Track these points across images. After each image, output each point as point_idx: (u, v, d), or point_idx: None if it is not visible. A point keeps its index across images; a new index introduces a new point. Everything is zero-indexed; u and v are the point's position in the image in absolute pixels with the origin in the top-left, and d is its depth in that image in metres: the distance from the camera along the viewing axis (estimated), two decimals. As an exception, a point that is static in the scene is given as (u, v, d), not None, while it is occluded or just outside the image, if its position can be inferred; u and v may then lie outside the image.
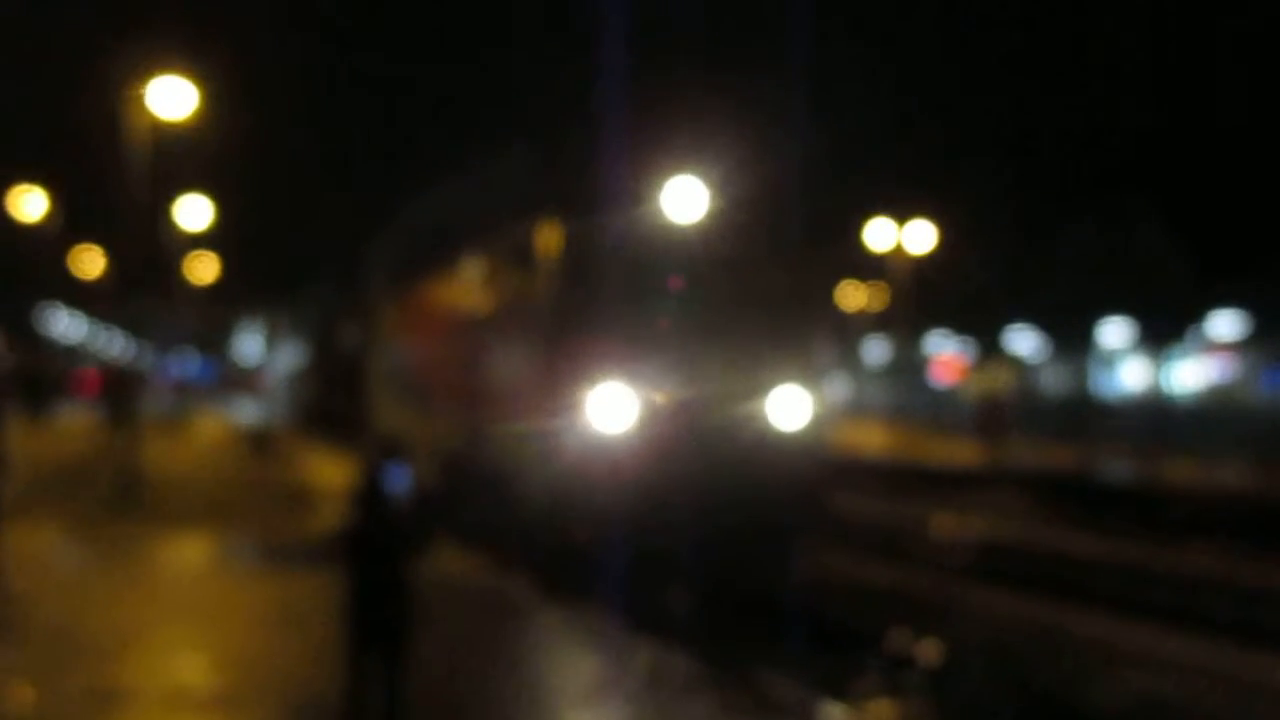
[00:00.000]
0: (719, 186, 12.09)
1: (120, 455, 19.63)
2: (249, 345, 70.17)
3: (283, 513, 17.52)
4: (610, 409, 11.54)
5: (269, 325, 58.95)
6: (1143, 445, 28.80)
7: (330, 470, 22.84)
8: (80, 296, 48.25)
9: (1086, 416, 37.77)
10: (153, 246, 29.63)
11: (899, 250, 31.43)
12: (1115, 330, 46.06)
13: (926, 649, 11.70)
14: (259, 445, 29.07)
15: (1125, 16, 42.68)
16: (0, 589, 11.11)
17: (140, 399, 24.58)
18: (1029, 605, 13.85)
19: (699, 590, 11.70)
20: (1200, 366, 44.13)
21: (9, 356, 36.42)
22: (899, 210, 30.93)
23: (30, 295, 45.76)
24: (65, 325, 56.50)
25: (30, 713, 7.88)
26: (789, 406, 12.05)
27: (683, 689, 8.64)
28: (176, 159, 23.86)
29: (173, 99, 17.79)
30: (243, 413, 44.12)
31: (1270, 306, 39.08)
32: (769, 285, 12.24)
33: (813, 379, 12.28)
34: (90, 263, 42.65)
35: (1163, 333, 43.52)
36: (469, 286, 15.18)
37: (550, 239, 12.24)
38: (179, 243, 34.08)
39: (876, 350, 53.26)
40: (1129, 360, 47.10)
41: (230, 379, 68.79)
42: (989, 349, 49.73)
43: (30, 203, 29.70)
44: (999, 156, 40.30)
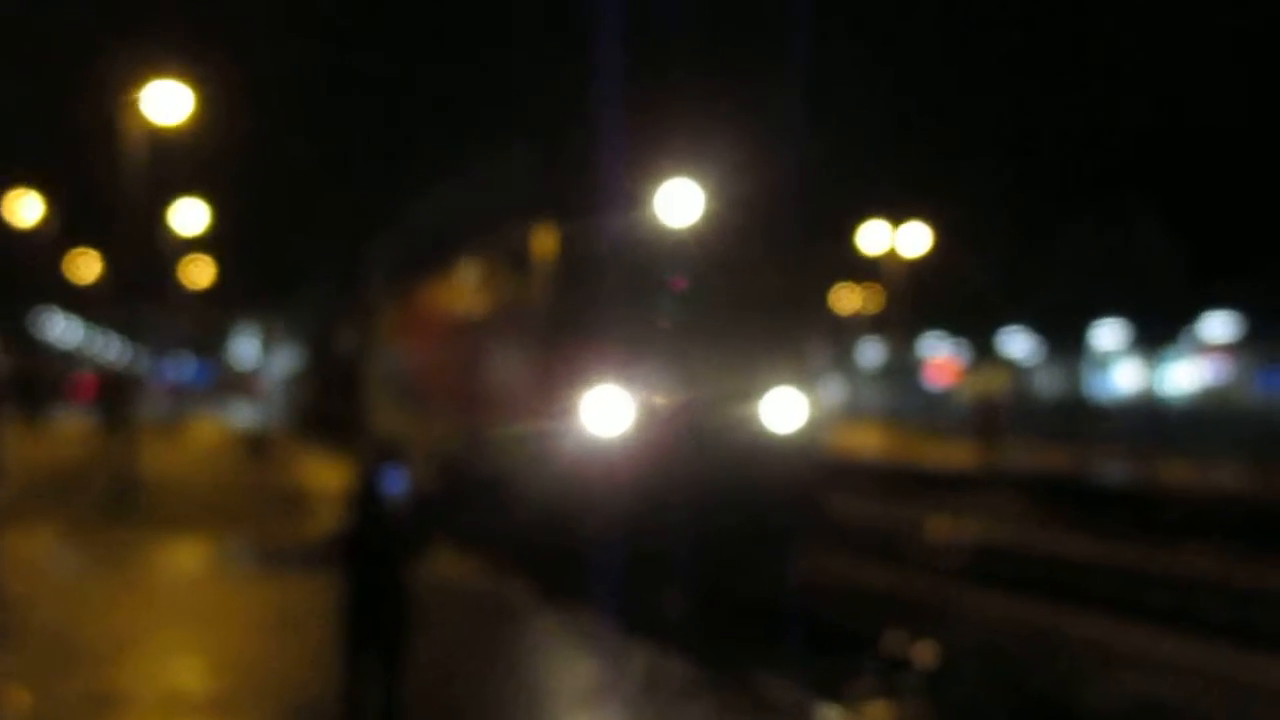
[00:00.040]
0: (715, 189, 12.10)
1: (116, 459, 19.60)
2: (245, 349, 70.16)
3: (279, 516, 17.51)
4: (607, 412, 11.55)
5: (265, 329, 58.97)
6: (1137, 447, 28.81)
7: (327, 473, 22.84)
8: (76, 300, 48.25)
9: (1081, 418, 37.79)
10: (149, 250, 29.58)
11: (894, 252, 31.50)
12: (1109, 332, 46.10)
13: (922, 651, 11.71)
14: (255, 449, 29.05)
15: (1122, 17, 42.82)
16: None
17: (136, 403, 24.55)
18: (1024, 607, 13.87)
19: (695, 593, 11.71)
20: (1194, 368, 44.22)
21: (5, 361, 36.46)
22: (894, 212, 30.98)
23: (26, 299, 45.68)
24: (61, 329, 56.46)
25: (27, 717, 7.87)
26: (785, 409, 12.07)
27: (679, 692, 8.64)
28: (173, 163, 23.85)
29: (169, 103, 17.79)
30: (239, 416, 44.07)
31: (1264, 308, 39.14)
32: (764, 287, 12.26)
33: (808, 381, 12.31)
34: (86, 267, 42.64)
35: (1156, 334, 43.58)
36: (466, 289, 15.19)
37: (547, 241, 12.25)
38: (175, 246, 34.06)
39: (871, 352, 53.27)
40: (1123, 362, 47.19)
41: (226, 382, 68.69)
42: (983, 351, 49.80)
43: (26, 207, 29.64)
44: (994, 158, 40.40)
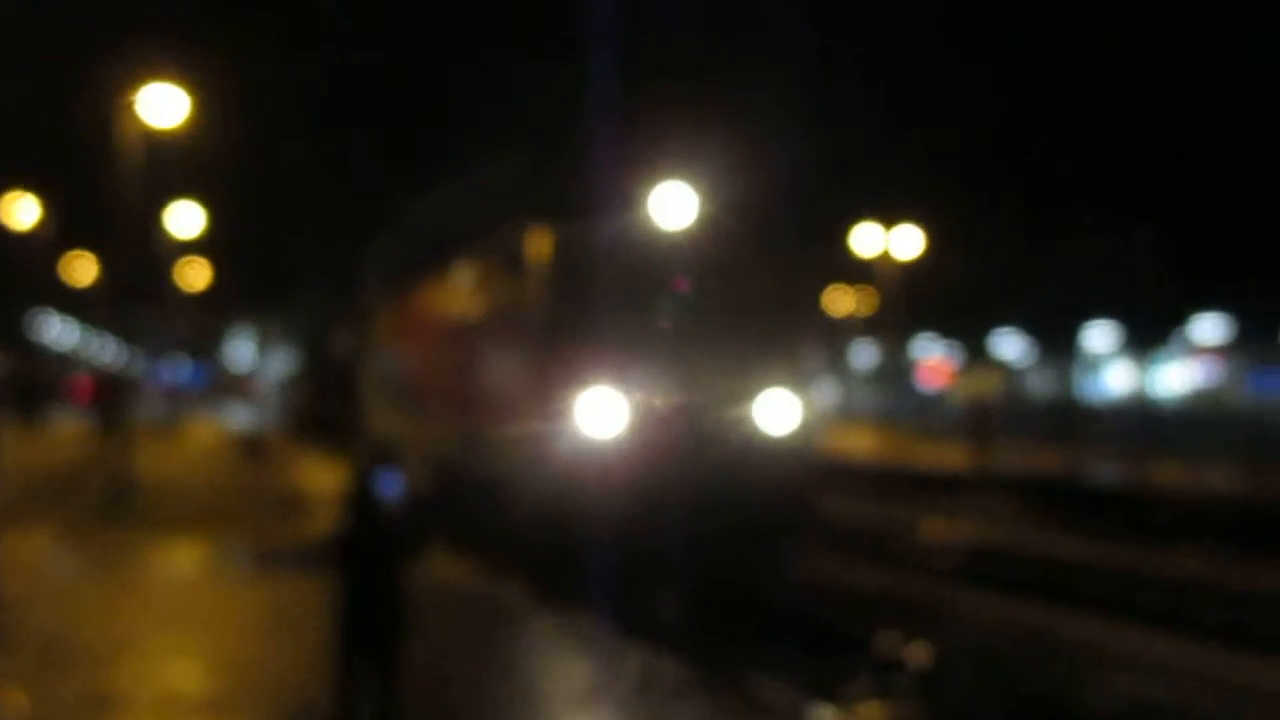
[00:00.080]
0: (709, 192, 12.15)
1: (112, 461, 19.61)
2: (241, 351, 70.14)
3: (275, 518, 17.52)
4: (602, 414, 11.59)
5: (261, 331, 58.95)
6: (1129, 448, 28.86)
7: (323, 475, 22.84)
8: (73, 303, 48.26)
9: (1073, 420, 37.83)
10: (145, 253, 29.60)
11: (887, 255, 31.57)
12: (1100, 334, 46.21)
13: (916, 652, 11.75)
14: (251, 451, 29.05)
15: (1112, 25, 42.95)
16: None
17: (131, 405, 24.56)
18: (1018, 608, 13.92)
19: (690, 594, 11.76)
20: (1185, 370, 44.35)
21: (2, 363, 36.46)
22: (886, 215, 31.05)
23: (23, 302, 45.71)
24: (58, 332, 56.45)
25: (25, 718, 7.88)
26: (778, 411, 12.11)
27: (674, 693, 8.66)
28: (169, 166, 23.87)
29: (165, 106, 17.83)
30: (235, 418, 44.05)
31: (1255, 310, 39.26)
32: (759, 290, 12.30)
33: (802, 383, 12.35)
34: (83, 269, 42.66)
35: (1148, 336, 43.68)
36: (461, 292, 15.23)
37: (542, 244, 12.29)
38: (171, 249, 34.09)
39: (865, 355, 53.33)
40: (1114, 364, 47.30)
41: (223, 385, 68.66)
42: (976, 353, 49.89)
43: (23, 210, 29.68)
44: (986, 162, 40.49)
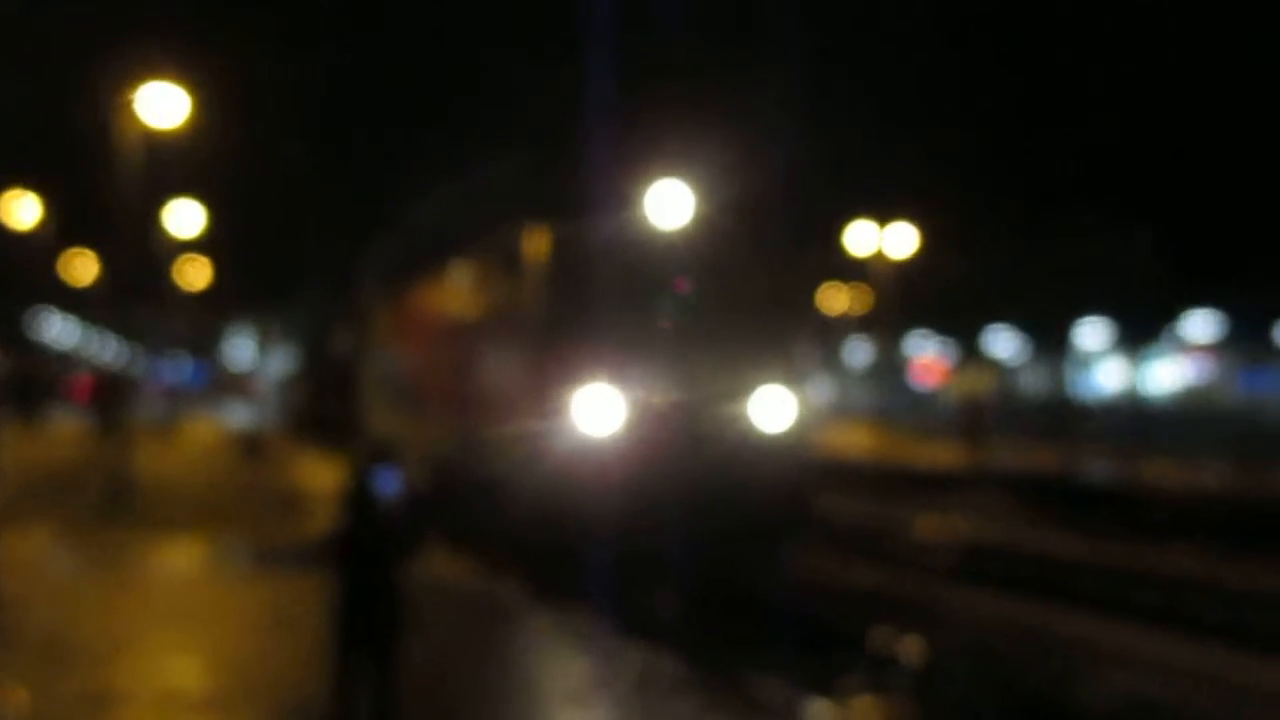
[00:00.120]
0: (705, 191, 12.20)
1: (112, 460, 19.64)
2: (241, 350, 70.18)
3: (274, 517, 17.53)
4: (599, 412, 11.64)
5: (261, 330, 59.01)
6: (1121, 446, 28.91)
7: (322, 474, 22.85)
8: (73, 302, 48.28)
9: (1066, 417, 37.87)
10: (145, 252, 29.67)
11: (881, 253, 31.65)
12: (1093, 332, 46.32)
13: (910, 648, 11.81)
14: (251, 449, 29.08)
15: (1108, 27, 43.09)
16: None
17: (130, 405, 24.60)
18: (1012, 605, 13.96)
19: (687, 592, 11.81)
20: (1177, 367, 44.47)
21: (3, 361, 36.50)
22: (880, 213, 31.13)
23: (23, 301, 45.75)
24: (58, 330, 56.46)
25: (25, 716, 7.91)
26: (774, 408, 12.16)
27: (671, 690, 8.69)
28: (168, 165, 23.92)
29: (165, 106, 17.89)
30: (235, 417, 44.07)
31: (1246, 308, 39.35)
32: (754, 288, 12.35)
33: (797, 381, 12.40)
34: (83, 268, 42.70)
35: (1139, 334, 43.79)
36: (460, 291, 15.28)
37: (540, 243, 12.34)
38: (171, 248, 34.16)
39: (859, 352, 53.41)
40: (1107, 361, 47.41)
41: (222, 384, 68.68)
42: (969, 351, 50.01)
43: (23, 209, 29.79)
44: (980, 162, 40.60)
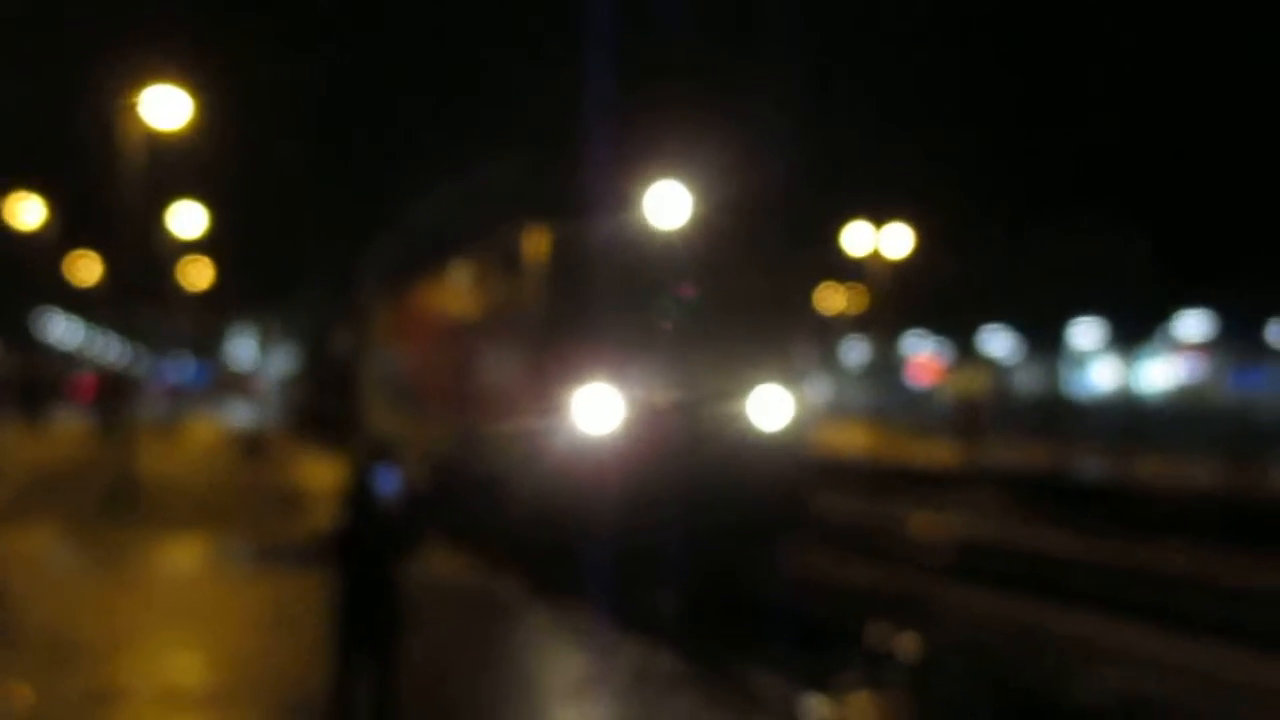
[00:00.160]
0: (703, 192, 12.27)
1: (114, 459, 19.72)
2: (243, 350, 70.27)
3: (276, 515, 17.57)
4: (597, 411, 11.71)
5: (263, 330, 59.10)
6: (1115, 444, 28.96)
7: (323, 473, 22.91)
8: (77, 302, 48.33)
9: (1060, 416, 37.91)
10: (148, 253, 29.77)
11: (877, 254, 31.77)
12: (1087, 331, 46.45)
13: (905, 644, 11.88)
14: (252, 448, 29.14)
15: (1098, 29, 43.24)
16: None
17: (131, 404, 24.70)
18: (1007, 602, 14.03)
19: (684, 589, 11.88)
20: (1169, 366, 44.59)
21: (7, 361, 36.60)
22: (877, 214, 31.24)
23: (28, 301, 45.85)
24: (62, 331, 56.55)
25: (28, 713, 7.96)
26: (771, 407, 12.23)
27: (668, 686, 8.73)
28: (171, 167, 24.02)
29: (168, 108, 17.99)
30: (236, 416, 44.14)
31: (1237, 309, 39.45)
32: (752, 288, 12.42)
33: (794, 380, 12.47)
34: (87, 269, 42.78)
35: (1133, 333, 43.90)
36: (459, 291, 15.35)
37: (539, 243, 12.40)
38: (174, 249, 34.24)
39: (856, 352, 53.55)
40: (1100, 360, 47.53)
41: (224, 383, 68.75)
42: (965, 350, 50.13)
43: (28, 210, 29.91)
44: (976, 163, 40.73)
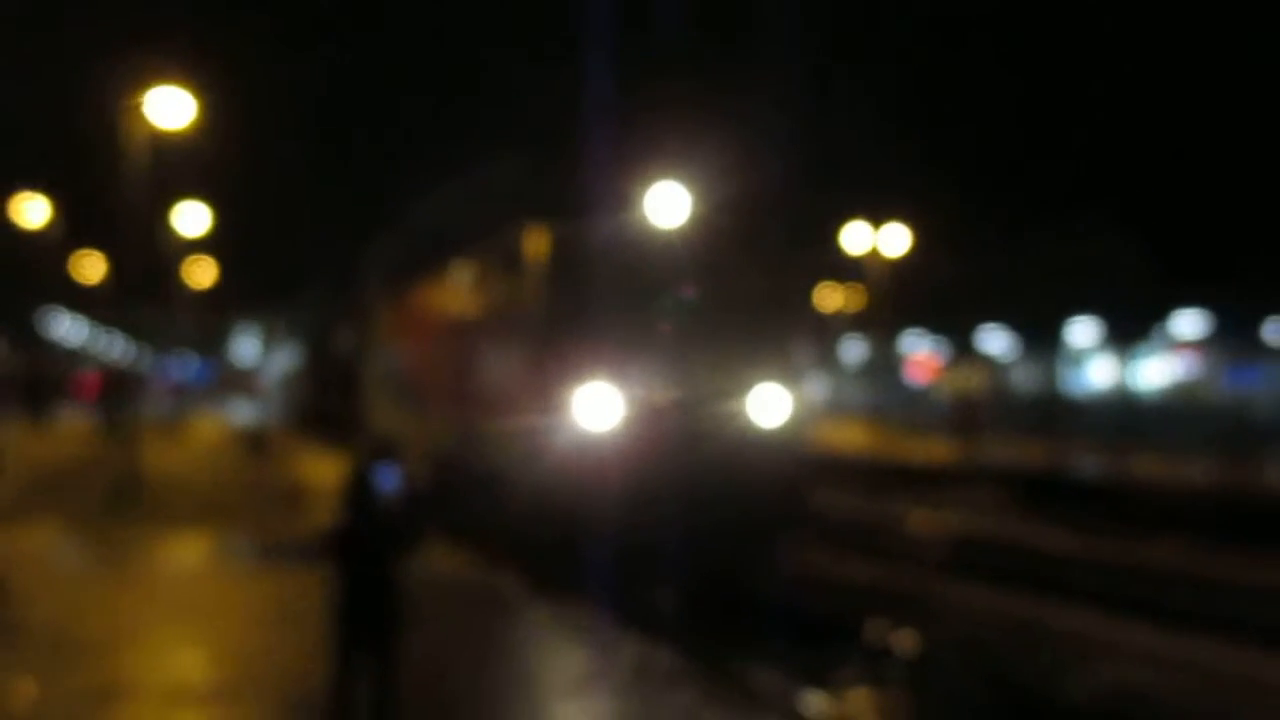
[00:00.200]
0: (703, 192, 12.34)
1: (118, 457, 19.80)
2: (246, 348, 70.41)
3: (278, 512, 17.63)
4: (597, 409, 11.78)
5: (266, 328, 59.20)
6: (1111, 441, 29.00)
7: (325, 470, 22.95)
8: (81, 301, 48.40)
9: (1056, 413, 37.94)
10: (152, 252, 29.89)
11: (875, 253, 31.87)
12: (1083, 329, 46.53)
13: (903, 640, 11.95)
14: (255, 446, 29.23)
15: (1096, 30, 43.30)
16: (2, 588, 11.26)
17: (132, 401, 24.78)
18: (1004, 599, 14.09)
19: (684, 586, 11.94)
20: (1165, 364, 44.66)
21: (12, 359, 36.73)
22: (875, 214, 31.35)
23: (33, 300, 45.98)
24: (67, 329, 56.66)
25: (33, 708, 8.03)
26: (770, 405, 12.30)
27: (668, 681, 8.79)
28: (175, 167, 24.10)
29: (172, 108, 18.09)
30: (239, 414, 44.24)
31: (1233, 307, 39.51)
32: (751, 288, 12.48)
33: (792, 378, 12.54)
34: (91, 268, 42.90)
35: (1129, 332, 43.96)
36: (460, 290, 15.42)
37: (539, 243, 12.47)
38: (178, 248, 34.34)
39: (854, 350, 53.67)
40: (1097, 358, 47.62)
41: (228, 381, 68.90)
42: (962, 348, 50.20)
43: (33, 210, 30.06)
44: (975, 163, 40.85)
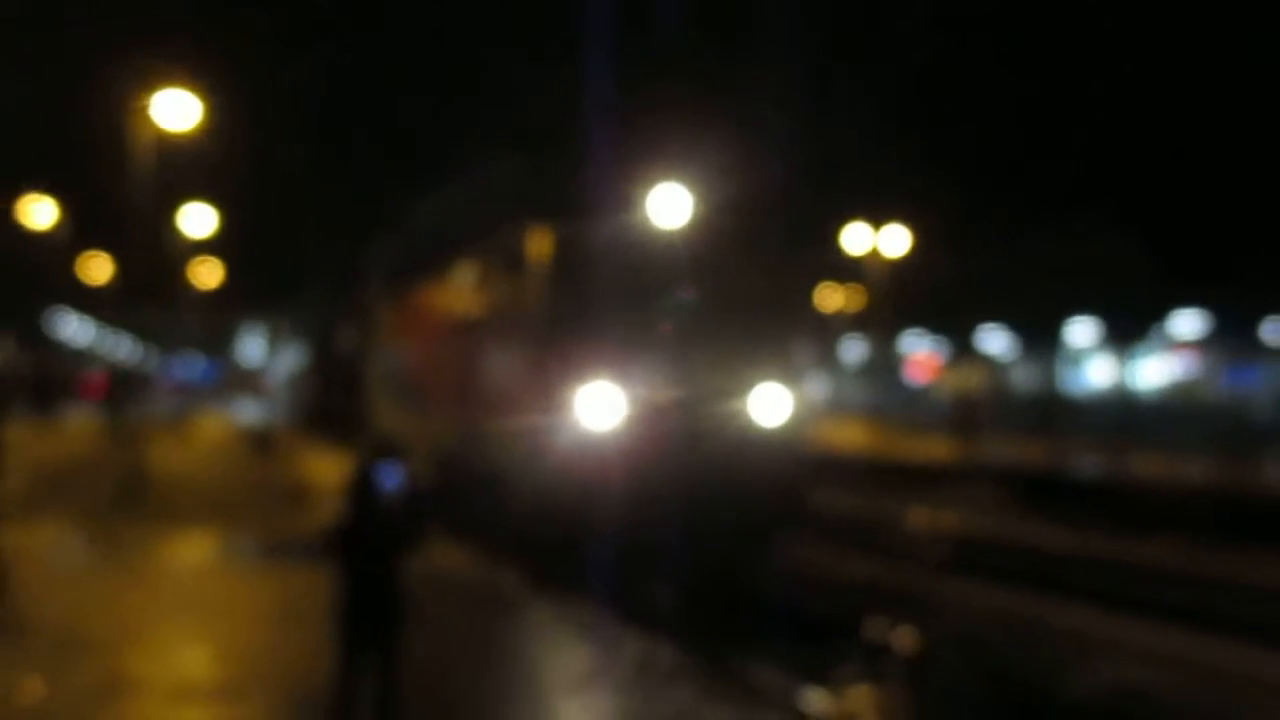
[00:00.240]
0: (704, 193, 12.40)
1: (124, 455, 19.88)
2: (251, 348, 70.55)
3: (283, 511, 17.72)
4: (599, 408, 11.85)
5: (271, 328, 59.31)
6: (1110, 441, 29.05)
7: (329, 469, 23.03)
8: (88, 301, 48.55)
9: (1056, 413, 37.99)
10: (158, 253, 30.02)
11: (875, 253, 31.96)
12: (1082, 329, 46.58)
13: (903, 637, 12.01)
14: (260, 445, 29.35)
15: (1096, 30, 43.32)
16: (6, 586, 11.37)
17: (134, 400, 24.89)
18: (1003, 596, 14.15)
19: (685, 584, 12.01)
20: (1164, 364, 44.71)
21: (19, 359, 36.84)
22: (875, 215, 31.43)
23: (40, 300, 46.14)
24: (74, 329, 56.83)
25: (41, 705, 8.08)
26: (770, 405, 12.37)
27: (669, 678, 8.85)
28: (181, 168, 24.19)
29: (177, 110, 18.20)
30: (244, 413, 44.35)
31: (1231, 307, 39.54)
32: (751, 288, 12.54)
33: (793, 378, 12.60)
34: (98, 269, 43.06)
35: (1128, 331, 44.01)
36: (462, 290, 15.49)
37: (541, 243, 12.54)
38: (184, 249, 34.45)
39: (854, 350, 53.74)
40: (1096, 358, 47.67)
41: (233, 381, 69.07)
42: (962, 348, 50.26)
43: (40, 211, 30.24)
44: (974, 163, 40.89)
